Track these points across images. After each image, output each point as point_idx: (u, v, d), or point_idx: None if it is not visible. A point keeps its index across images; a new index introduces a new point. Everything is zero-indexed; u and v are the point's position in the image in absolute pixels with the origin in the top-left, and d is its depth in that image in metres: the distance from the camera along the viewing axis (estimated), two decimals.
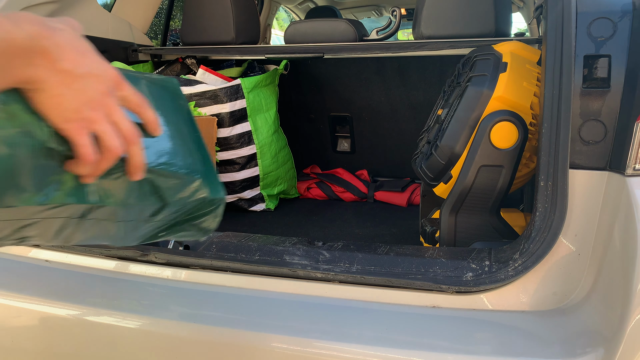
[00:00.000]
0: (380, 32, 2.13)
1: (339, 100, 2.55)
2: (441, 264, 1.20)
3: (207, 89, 2.12)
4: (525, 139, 1.35)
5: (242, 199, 2.29)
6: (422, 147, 1.64)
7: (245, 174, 2.24)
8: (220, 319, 1.14)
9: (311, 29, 2.12)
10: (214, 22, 2.10)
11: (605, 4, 1.17)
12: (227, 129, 2.16)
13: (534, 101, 1.38)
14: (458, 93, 1.46)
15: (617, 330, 0.95)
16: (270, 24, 3.75)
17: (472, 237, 1.46)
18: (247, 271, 1.27)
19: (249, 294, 1.24)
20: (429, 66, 2.24)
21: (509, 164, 1.37)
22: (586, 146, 1.14)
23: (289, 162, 2.42)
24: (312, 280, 1.22)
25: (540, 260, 1.11)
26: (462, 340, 1.04)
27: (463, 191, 1.41)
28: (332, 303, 1.18)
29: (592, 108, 1.13)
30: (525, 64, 1.43)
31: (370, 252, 1.28)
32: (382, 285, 1.18)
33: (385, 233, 2.01)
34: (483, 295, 1.14)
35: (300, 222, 2.18)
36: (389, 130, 2.52)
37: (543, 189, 1.13)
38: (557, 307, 1.12)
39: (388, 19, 2.18)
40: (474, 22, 1.72)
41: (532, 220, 1.14)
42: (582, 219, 1.14)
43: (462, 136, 1.39)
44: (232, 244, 1.36)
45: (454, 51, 1.76)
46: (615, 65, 1.11)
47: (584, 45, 1.14)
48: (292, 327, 1.10)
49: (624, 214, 1.04)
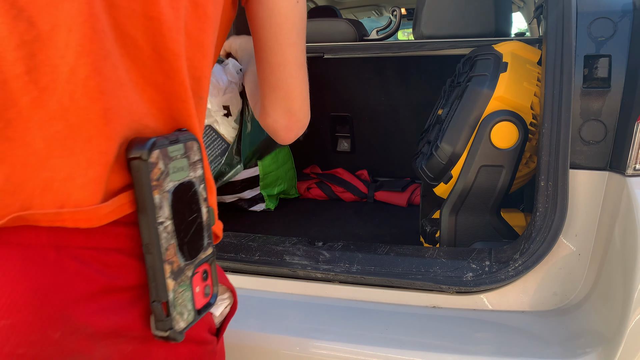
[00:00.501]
0: (381, 32, 2.13)
1: (339, 100, 2.54)
2: (441, 264, 1.20)
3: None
4: (525, 139, 1.35)
5: (242, 199, 2.29)
6: (422, 147, 1.64)
7: (245, 174, 2.23)
8: None
9: (311, 28, 2.11)
10: None
11: (605, 4, 1.17)
12: None
13: (534, 101, 1.38)
14: (458, 93, 1.46)
15: (617, 330, 0.95)
16: None
17: (473, 237, 1.46)
18: (247, 271, 1.27)
19: (249, 294, 1.24)
20: (429, 66, 2.24)
21: (509, 164, 1.37)
22: (586, 146, 1.13)
23: (289, 162, 2.42)
24: (312, 281, 1.22)
25: (540, 260, 1.11)
26: (463, 341, 1.03)
27: (463, 191, 1.41)
28: (332, 303, 1.18)
29: (593, 108, 1.13)
30: (525, 63, 1.43)
31: (370, 252, 1.28)
32: (382, 286, 1.18)
33: (385, 233, 2.01)
34: (483, 295, 1.14)
35: (300, 222, 2.18)
36: (389, 130, 2.52)
37: (543, 189, 1.13)
38: (557, 307, 1.12)
39: (388, 18, 2.18)
40: (474, 22, 1.72)
41: (532, 220, 1.14)
42: (583, 219, 1.14)
43: (463, 136, 1.39)
44: (232, 244, 1.36)
45: (454, 51, 1.76)
46: (616, 65, 1.11)
47: (585, 45, 1.14)
48: (292, 327, 1.10)
49: (624, 214, 1.04)
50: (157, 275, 0.56)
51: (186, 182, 0.59)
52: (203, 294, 0.63)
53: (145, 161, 0.53)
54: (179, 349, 0.64)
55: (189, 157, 0.59)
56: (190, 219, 0.60)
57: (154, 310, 0.57)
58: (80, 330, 0.53)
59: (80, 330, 0.53)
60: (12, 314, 0.50)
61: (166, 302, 0.56)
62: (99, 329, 0.54)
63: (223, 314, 0.76)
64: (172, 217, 0.57)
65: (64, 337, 0.52)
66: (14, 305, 0.50)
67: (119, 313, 0.57)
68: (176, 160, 0.57)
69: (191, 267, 0.60)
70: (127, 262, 0.57)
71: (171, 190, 0.57)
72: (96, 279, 0.54)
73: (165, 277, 0.56)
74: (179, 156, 0.58)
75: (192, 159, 0.60)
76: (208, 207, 0.63)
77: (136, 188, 0.55)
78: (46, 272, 0.52)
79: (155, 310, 0.57)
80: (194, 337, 0.66)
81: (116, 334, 0.56)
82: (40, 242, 0.52)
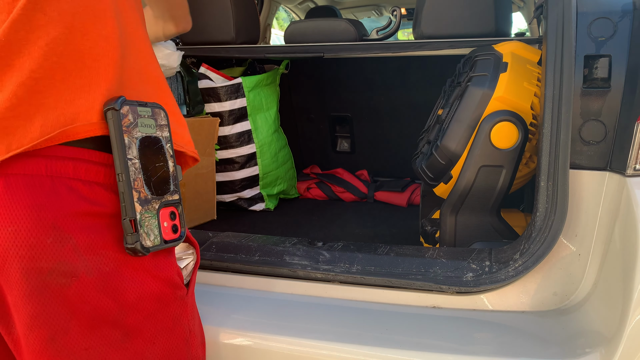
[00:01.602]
0: (381, 32, 2.12)
1: (339, 100, 2.54)
2: (441, 264, 1.20)
3: (209, 85, 2.12)
4: (525, 139, 1.35)
5: (242, 199, 2.29)
6: (422, 147, 1.64)
7: (245, 173, 2.24)
8: (220, 319, 1.14)
9: (311, 28, 2.12)
10: (214, 21, 2.10)
11: (605, 4, 1.17)
12: (227, 127, 2.17)
13: (534, 101, 1.38)
14: (458, 93, 1.46)
15: (617, 330, 0.95)
16: (270, 24, 3.74)
17: (472, 237, 1.46)
18: (247, 271, 1.27)
19: (248, 294, 1.24)
20: (429, 66, 2.24)
21: (509, 164, 1.37)
22: (586, 146, 1.13)
23: (288, 162, 2.42)
24: (312, 281, 1.22)
25: (540, 260, 1.11)
26: (463, 341, 1.03)
27: (463, 191, 1.41)
28: (332, 303, 1.18)
29: (593, 108, 1.13)
30: (525, 64, 1.43)
31: (370, 252, 1.28)
32: (382, 286, 1.18)
33: (385, 233, 2.01)
34: (483, 295, 1.14)
35: (300, 222, 2.18)
36: (389, 130, 2.52)
37: (543, 189, 1.13)
38: (557, 307, 1.12)
39: (388, 18, 2.18)
40: (474, 22, 1.72)
41: (532, 221, 1.14)
42: (583, 219, 1.14)
43: (463, 136, 1.39)
44: (232, 244, 1.36)
45: (454, 51, 1.75)
46: (616, 65, 1.11)
47: (585, 45, 1.14)
48: (292, 327, 1.10)
49: (624, 214, 1.04)
50: (126, 197, 0.73)
51: (153, 137, 0.77)
52: (171, 230, 0.79)
53: (117, 110, 0.72)
54: (150, 284, 0.79)
55: (156, 120, 0.78)
56: (158, 165, 0.78)
57: (124, 225, 0.73)
58: (66, 240, 0.70)
59: (66, 239, 0.70)
60: (16, 222, 0.68)
61: (134, 220, 0.73)
62: (81, 242, 0.72)
63: (188, 268, 0.91)
64: (139, 158, 0.75)
65: (54, 243, 0.70)
66: (18, 216, 0.68)
67: (98, 233, 0.73)
68: (144, 118, 0.76)
69: (157, 201, 0.77)
70: (105, 194, 0.74)
71: (139, 138, 0.75)
72: (81, 203, 0.72)
73: (133, 200, 0.73)
74: (147, 116, 0.77)
75: (159, 122, 0.79)
76: (175, 164, 0.81)
77: (110, 130, 0.72)
78: (43, 194, 0.70)
79: (125, 225, 0.73)
80: (164, 276, 0.81)
81: (95, 250, 0.73)
82: (40, 172, 0.70)
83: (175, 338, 0.84)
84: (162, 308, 0.81)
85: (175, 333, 0.84)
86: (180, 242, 0.82)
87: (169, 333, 0.83)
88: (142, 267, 0.78)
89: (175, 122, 0.85)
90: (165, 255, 0.82)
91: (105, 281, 0.74)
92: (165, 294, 0.81)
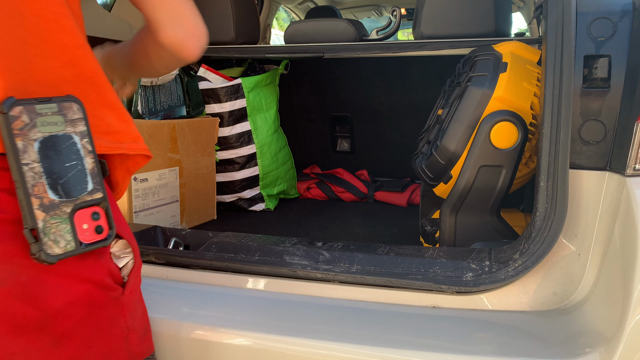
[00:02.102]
0: (380, 32, 2.12)
1: (339, 100, 2.55)
2: (441, 264, 1.20)
3: (208, 86, 2.12)
4: (525, 139, 1.35)
5: (242, 199, 2.29)
6: (422, 147, 1.64)
7: (245, 174, 2.24)
8: (220, 319, 1.14)
9: (311, 28, 2.12)
10: (214, 22, 2.10)
11: (605, 4, 1.17)
12: (227, 128, 2.17)
13: (534, 101, 1.38)
14: (458, 93, 1.46)
15: (617, 330, 0.95)
16: (270, 24, 3.75)
17: (472, 237, 1.46)
18: (247, 271, 1.27)
19: (248, 294, 1.24)
20: (429, 66, 2.24)
21: (509, 164, 1.37)
22: (586, 146, 1.14)
23: (288, 162, 2.42)
24: (312, 281, 1.22)
25: (540, 260, 1.11)
26: (462, 341, 1.03)
27: (463, 191, 1.41)
28: (332, 303, 1.18)
29: (592, 108, 1.13)
30: (525, 64, 1.43)
31: (370, 252, 1.28)
32: (382, 286, 1.18)
33: (385, 233, 2.01)
34: (483, 295, 1.14)
35: (300, 222, 2.18)
36: (389, 130, 2.52)
37: (543, 189, 1.13)
38: (557, 307, 1.12)
39: (388, 18, 2.18)
40: (474, 22, 1.72)
41: (532, 220, 1.14)
42: (582, 219, 1.14)
43: (462, 136, 1.39)
44: (232, 244, 1.36)
45: (454, 51, 1.76)
46: (615, 65, 1.11)
47: (584, 45, 1.14)
48: (292, 327, 1.10)
49: (624, 214, 1.04)
50: (24, 206, 0.68)
51: (61, 135, 0.72)
52: (94, 232, 0.74)
53: (6, 114, 0.67)
54: (76, 287, 0.75)
55: (65, 115, 0.72)
56: (68, 165, 0.72)
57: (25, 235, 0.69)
58: None
59: None
60: None
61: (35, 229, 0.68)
62: None
63: (127, 266, 0.85)
64: (41, 161, 0.69)
65: None
66: None
67: (4, 241, 0.69)
68: (47, 116, 0.71)
69: (69, 204, 0.72)
70: (11, 200, 0.69)
71: (39, 139, 0.70)
72: None
73: (33, 208, 0.68)
74: (51, 113, 0.71)
75: (70, 117, 0.73)
76: (95, 159, 0.75)
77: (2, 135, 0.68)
78: None
79: (26, 235, 0.69)
80: (92, 278, 0.77)
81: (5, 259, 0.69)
82: None
83: (113, 339, 0.81)
84: (94, 311, 0.78)
85: (112, 334, 0.81)
86: (109, 243, 0.77)
87: (105, 335, 0.80)
88: (67, 272, 0.74)
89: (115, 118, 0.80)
90: (95, 258, 0.78)
91: (23, 290, 0.70)
92: (97, 297, 0.78)
